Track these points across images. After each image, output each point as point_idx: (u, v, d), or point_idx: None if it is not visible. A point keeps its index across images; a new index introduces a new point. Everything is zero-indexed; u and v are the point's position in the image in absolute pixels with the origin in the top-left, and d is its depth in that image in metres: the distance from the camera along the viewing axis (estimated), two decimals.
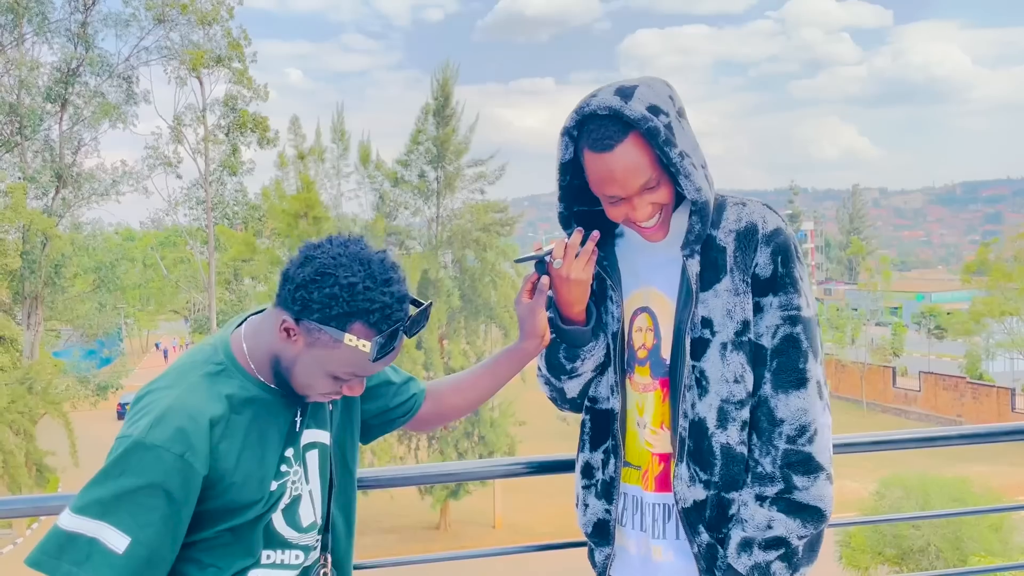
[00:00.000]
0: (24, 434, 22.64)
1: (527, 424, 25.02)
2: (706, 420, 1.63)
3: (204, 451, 1.39)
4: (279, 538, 1.54)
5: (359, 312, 1.38)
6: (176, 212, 33.15)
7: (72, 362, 29.65)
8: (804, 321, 1.61)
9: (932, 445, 2.48)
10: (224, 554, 1.49)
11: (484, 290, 25.96)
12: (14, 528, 22.81)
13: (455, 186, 26.48)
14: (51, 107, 28.64)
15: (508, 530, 23.57)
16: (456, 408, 1.84)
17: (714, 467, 1.63)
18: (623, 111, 1.53)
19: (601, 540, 1.78)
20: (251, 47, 31.13)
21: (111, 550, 1.34)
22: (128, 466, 1.35)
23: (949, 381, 35.65)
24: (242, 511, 1.46)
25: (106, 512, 1.35)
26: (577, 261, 1.66)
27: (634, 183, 1.55)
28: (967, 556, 14.11)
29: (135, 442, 1.36)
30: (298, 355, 1.43)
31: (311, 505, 1.58)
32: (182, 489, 1.37)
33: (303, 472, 1.57)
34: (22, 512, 2.12)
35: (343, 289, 1.37)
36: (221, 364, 1.48)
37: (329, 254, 1.39)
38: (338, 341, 1.40)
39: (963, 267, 43.55)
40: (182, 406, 1.39)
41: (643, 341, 1.72)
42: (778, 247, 1.62)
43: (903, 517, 2.72)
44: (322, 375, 1.45)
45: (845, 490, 22.78)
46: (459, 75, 26.81)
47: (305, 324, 1.40)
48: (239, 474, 1.44)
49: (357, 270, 1.38)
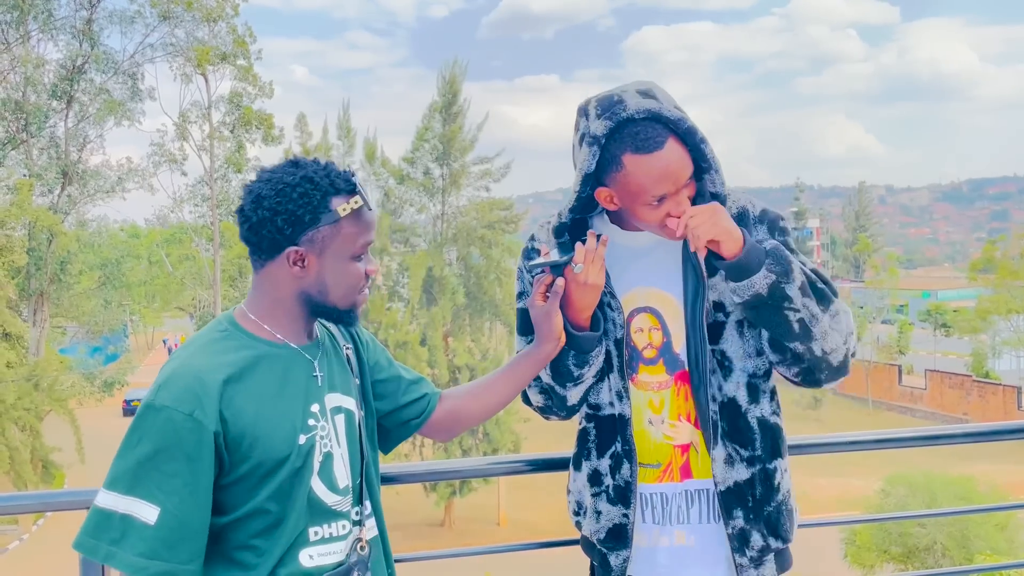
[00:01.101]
0: (30, 430, 22.72)
1: (531, 421, 25.03)
2: (736, 398, 1.69)
3: (213, 408, 1.40)
4: (322, 507, 1.53)
5: (329, 189, 1.48)
6: (181, 209, 33.20)
7: (78, 359, 29.76)
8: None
9: (938, 443, 2.48)
10: (272, 535, 1.48)
11: (489, 287, 25.96)
12: (20, 524, 22.88)
13: (460, 183, 26.48)
14: (57, 104, 28.70)
15: (512, 527, 23.58)
16: (474, 414, 1.83)
17: (755, 442, 1.70)
18: (663, 112, 1.58)
19: (618, 544, 1.78)
20: (256, 44, 31.13)
21: (144, 523, 1.37)
22: (143, 432, 1.40)
23: (955, 379, 35.56)
24: (276, 469, 1.46)
25: (133, 485, 1.39)
26: (593, 265, 1.67)
27: (683, 177, 1.61)
28: (973, 554, 14.08)
29: (146, 406, 1.41)
30: (320, 269, 1.49)
31: (344, 467, 1.58)
32: (196, 448, 1.39)
33: (333, 432, 1.56)
34: (28, 508, 2.13)
35: (303, 183, 1.46)
36: (225, 330, 1.52)
37: (263, 179, 1.50)
38: (336, 221, 1.48)
39: (969, 265, 43.45)
40: (188, 367, 1.43)
41: (648, 340, 1.74)
42: (771, 223, 1.72)
43: (909, 515, 2.72)
44: (348, 264, 1.51)
45: (850, 488, 22.74)
46: (465, 72, 26.81)
47: (305, 239, 1.47)
48: (261, 428, 1.44)
49: (292, 169, 1.49)
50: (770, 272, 1.57)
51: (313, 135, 26.88)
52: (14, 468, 21.07)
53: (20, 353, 24.47)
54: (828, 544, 15.93)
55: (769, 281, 1.57)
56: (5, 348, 22.71)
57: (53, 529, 22.35)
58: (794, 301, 1.58)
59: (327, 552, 1.53)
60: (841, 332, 1.64)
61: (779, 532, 1.74)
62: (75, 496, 2.07)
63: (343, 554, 1.55)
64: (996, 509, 2.73)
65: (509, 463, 2.25)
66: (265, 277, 1.52)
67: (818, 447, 2.31)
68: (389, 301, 25.97)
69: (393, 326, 24.14)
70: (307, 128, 26.97)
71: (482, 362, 24.88)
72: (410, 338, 24.02)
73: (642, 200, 1.61)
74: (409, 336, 24.13)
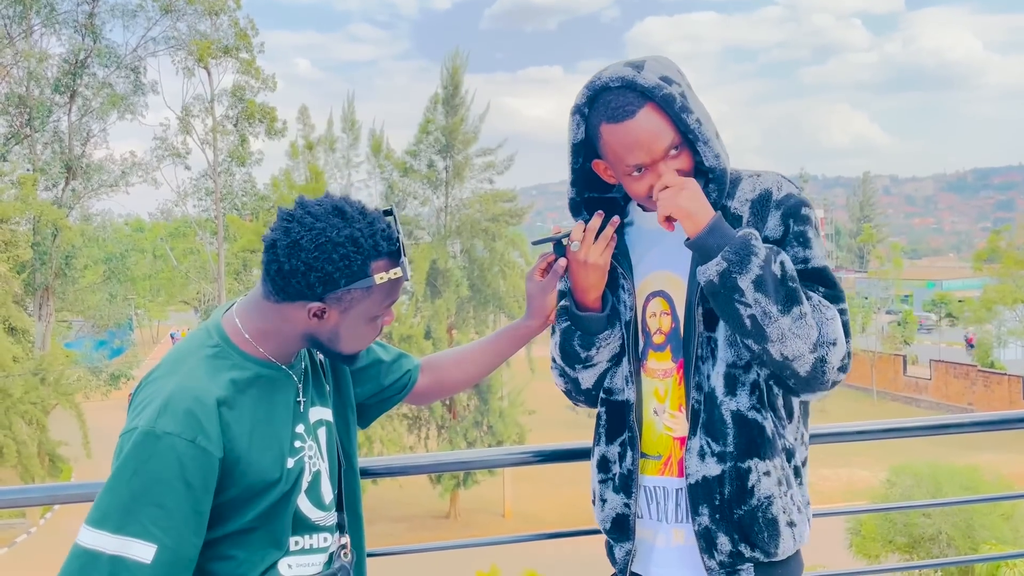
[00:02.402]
0: (37, 424, 22.80)
1: (536, 413, 25.05)
2: (715, 389, 1.60)
3: (216, 433, 1.34)
4: (306, 521, 1.51)
5: (372, 252, 1.39)
6: (185, 203, 33.21)
7: (83, 353, 29.85)
8: (819, 265, 1.60)
9: (943, 433, 2.48)
10: (254, 546, 1.45)
11: (493, 280, 25.94)
12: (28, 518, 23.00)
13: (464, 175, 26.44)
14: (60, 99, 28.70)
15: (517, 519, 23.63)
16: (456, 382, 1.85)
17: (727, 436, 1.59)
18: (637, 80, 1.53)
19: (621, 535, 1.73)
20: (259, 37, 31.08)
21: (138, 562, 1.28)
22: (140, 462, 1.30)
23: (960, 369, 35.50)
24: (264, 493, 1.42)
25: (125, 522, 1.28)
26: (595, 246, 1.64)
27: (659, 146, 1.54)
28: (978, 544, 14.08)
29: (144, 433, 1.31)
30: (337, 325, 1.44)
31: (329, 483, 1.57)
32: (200, 477, 1.33)
33: (317, 449, 1.54)
34: (36, 501, 2.14)
35: (347, 243, 1.37)
36: (217, 346, 1.45)
37: (305, 225, 1.38)
38: (370, 287, 1.40)
39: (974, 254, 43.27)
40: (186, 389, 1.35)
41: (659, 325, 1.69)
42: (788, 209, 1.60)
43: (914, 505, 2.72)
44: (366, 324, 1.46)
45: (856, 478, 22.75)
46: (468, 64, 26.74)
47: (332, 297, 1.39)
48: (254, 453, 1.40)
49: (338, 222, 1.38)
50: (723, 260, 1.49)
51: (316, 128, 26.87)
52: (21, 462, 21.15)
53: (26, 347, 24.55)
54: (833, 534, 15.93)
55: (720, 268, 1.49)
56: (11, 343, 22.78)
57: (61, 522, 22.46)
58: (744, 294, 1.48)
59: (306, 563, 1.51)
60: (806, 339, 1.50)
61: (753, 540, 1.60)
62: (82, 489, 2.08)
63: (319, 564, 1.54)
64: (1001, 498, 2.70)
65: (515, 454, 2.25)
66: (276, 311, 1.44)
67: (823, 437, 2.31)
68: None
69: (397, 319, 24.13)
70: (309, 121, 26.95)
71: None
72: (414, 331, 24.03)
73: (621, 170, 1.59)
74: (413, 329, 24.14)
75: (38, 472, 21.64)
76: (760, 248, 1.51)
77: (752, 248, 1.50)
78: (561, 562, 6.54)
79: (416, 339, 23.90)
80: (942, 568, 14.21)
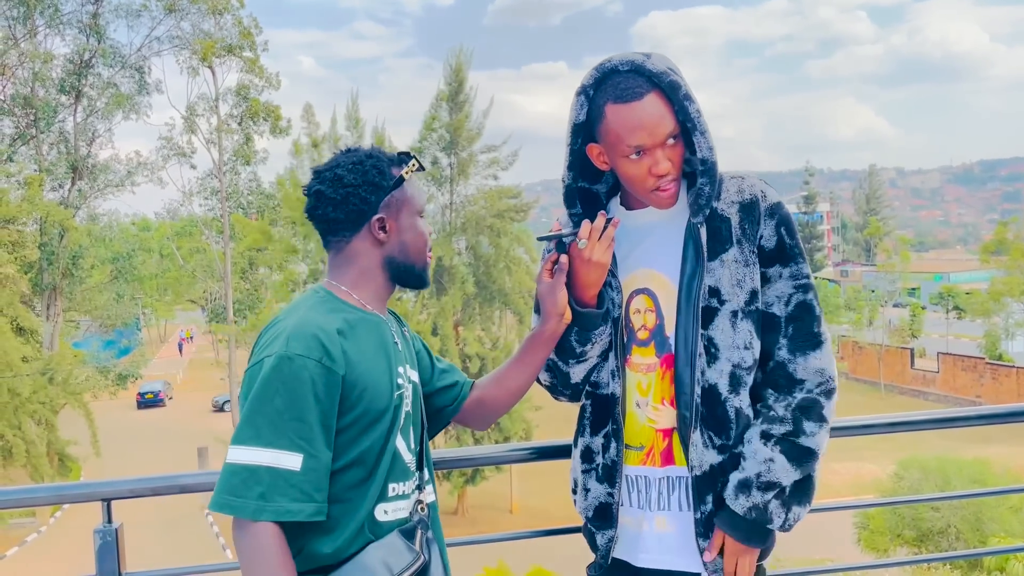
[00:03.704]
0: (46, 424, 22.90)
1: (543, 409, 25.08)
2: (718, 386, 1.68)
3: (339, 355, 1.52)
4: (401, 463, 1.63)
5: (392, 160, 1.68)
6: (191, 202, 33.33)
7: (91, 352, 29.93)
8: (814, 288, 1.71)
9: (951, 426, 2.47)
10: (362, 487, 1.56)
11: (499, 276, 25.93)
12: (37, 517, 23.10)
13: (468, 172, 26.41)
14: (65, 99, 28.78)
15: (525, 514, 23.67)
16: (498, 400, 1.90)
17: (730, 431, 1.69)
18: (646, 65, 1.61)
19: (604, 523, 1.81)
20: (262, 35, 31.13)
21: (290, 470, 1.45)
22: (279, 383, 1.47)
23: (968, 362, 35.34)
24: (376, 420, 1.57)
25: (275, 437, 1.45)
26: (600, 244, 1.69)
27: (661, 131, 1.61)
28: (987, 537, 14.04)
29: (279, 357, 1.49)
30: (400, 228, 1.68)
31: (412, 431, 1.69)
32: (328, 393, 1.49)
33: (411, 396, 1.68)
34: (45, 500, 2.15)
35: (370, 158, 1.67)
36: (324, 297, 1.64)
37: (334, 164, 1.67)
38: (405, 183, 1.68)
39: (982, 246, 43.15)
40: (309, 321, 1.54)
41: (643, 322, 1.75)
42: (781, 219, 1.69)
43: (922, 499, 2.72)
44: (418, 221, 1.70)
45: (863, 472, 22.70)
46: (471, 60, 26.71)
47: (383, 206, 1.65)
48: (370, 378, 1.56)
49: (355, 153, 1.69)
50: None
51: (321, 126, 26.83)
52: (31, 461, 21.24)
53: (34, 347, 24.64)
54: (841, 528, 15.91)
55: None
56: (20, 342, 22.85)
57: (70, 521, 22.56)
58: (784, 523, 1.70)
59: (397, 509, 1.63)
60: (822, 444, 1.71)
61: None
62: (91, 488, 2.09)
63: (407, 511, 1.65)
64: (1010, 491, 2.70)
65: (518, 451, 2.25)
66: (350, 252, 1.67)
67: (831, 431, 2.30)
68: (399, 291, 25.97)
69: (404, 316, 24.17)
70: (314, 119, 26.92)
71: (492, 351, 24.89)
72: (421, 328, 24.05)
73: (620, 151, 1.63)
74: (420, 326, 24.16)
75: (47, 471, 21.73)
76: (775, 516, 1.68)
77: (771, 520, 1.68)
78: (569, 558, 6.47)
79: (423, 335, 23.92)
80: (951, 562, 14.17)
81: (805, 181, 77.63)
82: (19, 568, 20.28)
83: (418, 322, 24.29)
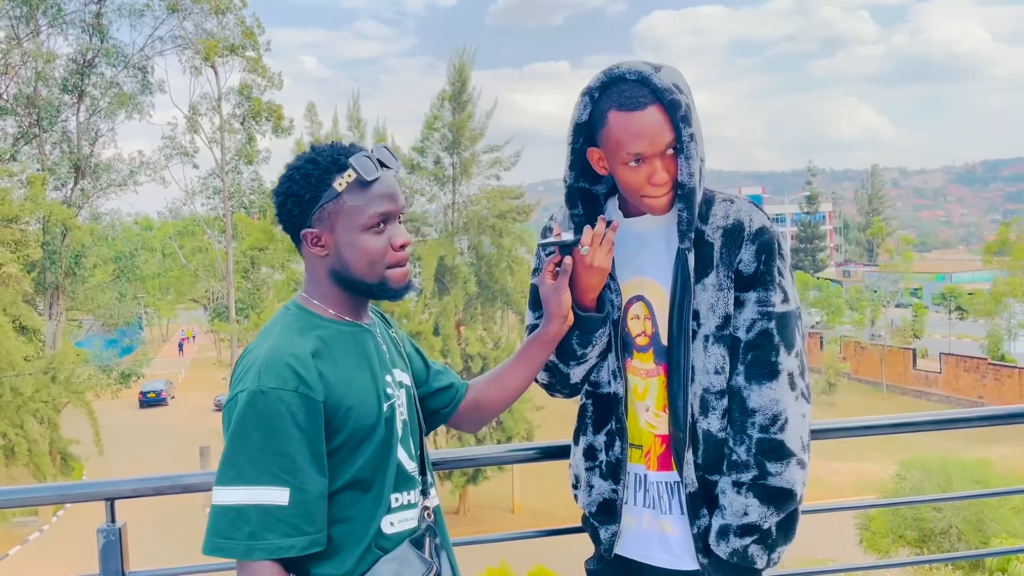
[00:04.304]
0: (48, 423, 22.93)
1: (545, 409, 25.08)
2: (693, 406, 1.71)
3: (315, 380, 1.46)
4: (404, 473, 1.60)
5: (330, 167, 1.53)
6: (193, 201, 33.38)
7: (94, 351, 29.99)
8: (778, 316, 1.67)
9: (953, 427, 2.47)
10: (365, 506, 1.53)
11: (501, 276, 25.94)
12: (40, 516, 23.14)
13: (471, 172, 26.41)
14: (68, 98, 28.84)
15: (526, 514, 23.67)
16: (495, 402, 1.87)
17: (698, 451, 1.72)
18: (652, 79, 1.61)
19: (607, 519, 1.84)
20: (265, 35, 31.17)
21: (278, 506, 1.42)
22: (255, 419, 1.43)
23: (970, 362, 35.29)
24: (368, 437, 1.52)
25: (257, 474, 1.42)
26: (601, 249, 1.71)
27: (661, 141, 1.62)
28: (989, 538, 14.03)
29: (251, 393, 1.44)
30: (336, 244, 1.55)
31: (411, 437, 1.66)
32: (308, 420, 1.44)
33: (405, 401, 1.65)
34: (48, 500, 2.15)
35: (306, 165, 1.54)
36: (295, 314, 1.58)
37: (287, 167, 1.58)
38: (338, 196, 1.52)
39: (984, 247, 43.11)
40: (280, 348, 1.48)
41: (642, 329, 1.78)
42: (763, 245, 1.68)
43: (924, 499, 2.71)
44: (360, 236, 1.54)
45: (866, 473, 22.67)
46: (474, 60, 26.71)
47: (315, 219, 1.54)
48: (354, 395, 1.51)
49: (305, 155, 1.56)
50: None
51: (323, 125, 26.84)
52: (33, 460, 21.28)
53: (37, 346, 24.68)
54: (843, 529, 15.90)
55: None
56: (22, 341, 22.90)
57: (72, 520, 22.59)
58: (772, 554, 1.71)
59: (404, 519, 1.60)
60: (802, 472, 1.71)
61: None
62: (93, 488, 2.09)
63: (415, 521, 1.63)
64: (1012, 492, 2.70)
65: (521, 451, 2.25)
66: (305, 262, 1.61)
67: (833, 432, 2.30)
68: None
69: (406, 316, 24.18)
70: (316, 119, 26.93)
71: (494, 351, 24.90)
72: (423, 328, 24.05)
73: (620, 158, 1.65)
74: (422, 326, 24.16)
75: (50, 470, 21.76)
76: (757, 559, 1.69)
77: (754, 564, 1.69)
78: (571, 558, 6.47)
79: (425, 335, 23.92)
80: (952, 563, 14.16)
81: (807, 181, 77.61)
82: (21, 567, 20.30)
83: (420, 321, 24.29)
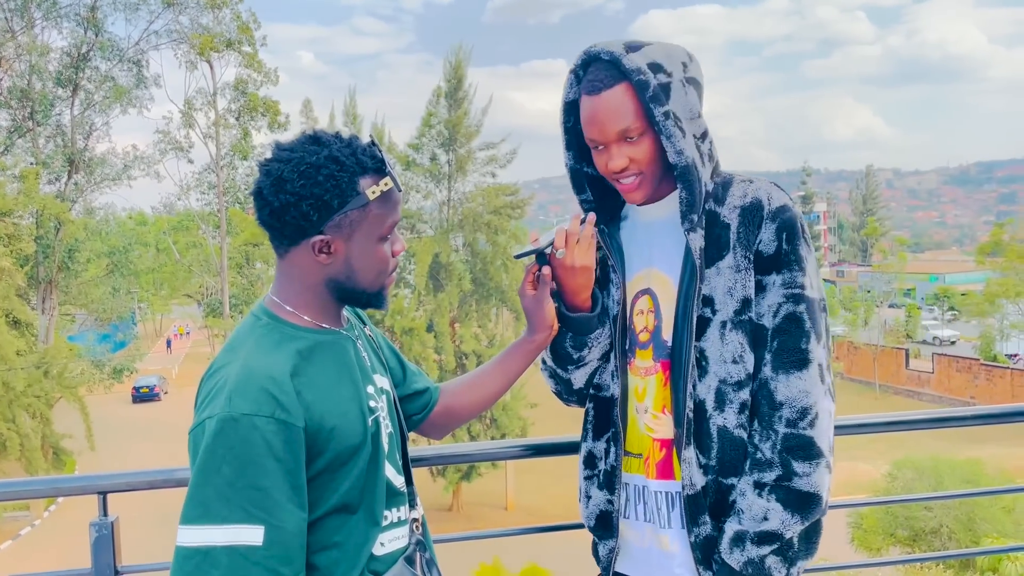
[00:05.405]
0: (40, 417, 22.87)
1: (539, 406, 25.10)
2: (705, 402, 1.57)
3: (293, 404, 1.31)
4: (393, 490, 1.49)
5: (356, 169, 1.36)
6: (188, 197, 33.30)
7: (87, 346, 29.86)
8: (808, 300, 1.54)
9: (945, 426, 2.47)
10: (354, 529, 1.41)
11: (496, 273, 25.94)
12: (32, 510, 23.08)
13: (467, 169, 26.41)
14: (62, 92, 28.72)
15: (520, 511, 23.69)
16: (467, 408, 1.77)
17: (711, 450, 1.57)
18: (621, 59, 1.52)
19: (605, 533, 1.72)
20: (261, 30, 31.08)
21: (251, 547, 1.26)
22: (224, 449, 1.26)
23: (963, 363, 35.44)
24: (353, 457, 1.39)
25: (227, 511, 1.26)
26: (579, 247, 1.62)
27: (611, 129, 1.53)
28: (980, 537, 14.09)
29: (220, 420, 1.27)
30: (348, 254, 1.39)
31: (397, 450, 1.55)
32: (288, 450, 1.29)
33: (387, 411, 1.52)
34: (40, 493, 2.14)
35: (329, 163, 1.34)
36: (267, 324, 1.42)
37: (281, 159, 1.36)
38: (365, 205, 1.37)
39: (977, 248, 43.23)
40: (252, 368, 1.32)
41: (645, 323, 1.66)
42: (784, 223, 1.54)
43: (915, 498, 2.73)
44: (376, 246, 1.41)
45: (857, 472, 22.74)
46: (471, 57, 26.69)
47: (331, 225, 1.36)
48: (337, 413, 1.37)
49: (315, 148, 1.36)
50: None
51: (319, 121, 26.84)
52: (25, 455, 21.22)
53: (30, 341, 24.60)
54: (835, 527, 15.95)
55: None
56: (15, 336, 22.82)
57: (64, 514, 22.55)
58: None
59: (395, 537, 1.49)
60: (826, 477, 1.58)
61: None
62: (86, 481, 2.09)
63: (405, 539, 1.52)
64: (1003, 492, 2.70)
65: (512, 448, 2.25)
66: (290, 264, 1.41)
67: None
68: (395, 288, 26.01)
69: (400, 313, 24.16)
70: (312, 114, 26.93)
71: (488, 348, 24.90)
72: (417, 325, 24.04)
73: (589, 144, 1.60)
74: (416, 323, 24.16)
75: (42, 465, 21.71)
76: (774, 571, 1.56)
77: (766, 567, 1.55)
78: (563, 555, 6.49)
79: (419, 332, 23.91)
80: (944, 561, 14.22)
81: (802, 181, 77.85)
82: (13, 562, 20.26)
83: (414, 319, 24.29)
